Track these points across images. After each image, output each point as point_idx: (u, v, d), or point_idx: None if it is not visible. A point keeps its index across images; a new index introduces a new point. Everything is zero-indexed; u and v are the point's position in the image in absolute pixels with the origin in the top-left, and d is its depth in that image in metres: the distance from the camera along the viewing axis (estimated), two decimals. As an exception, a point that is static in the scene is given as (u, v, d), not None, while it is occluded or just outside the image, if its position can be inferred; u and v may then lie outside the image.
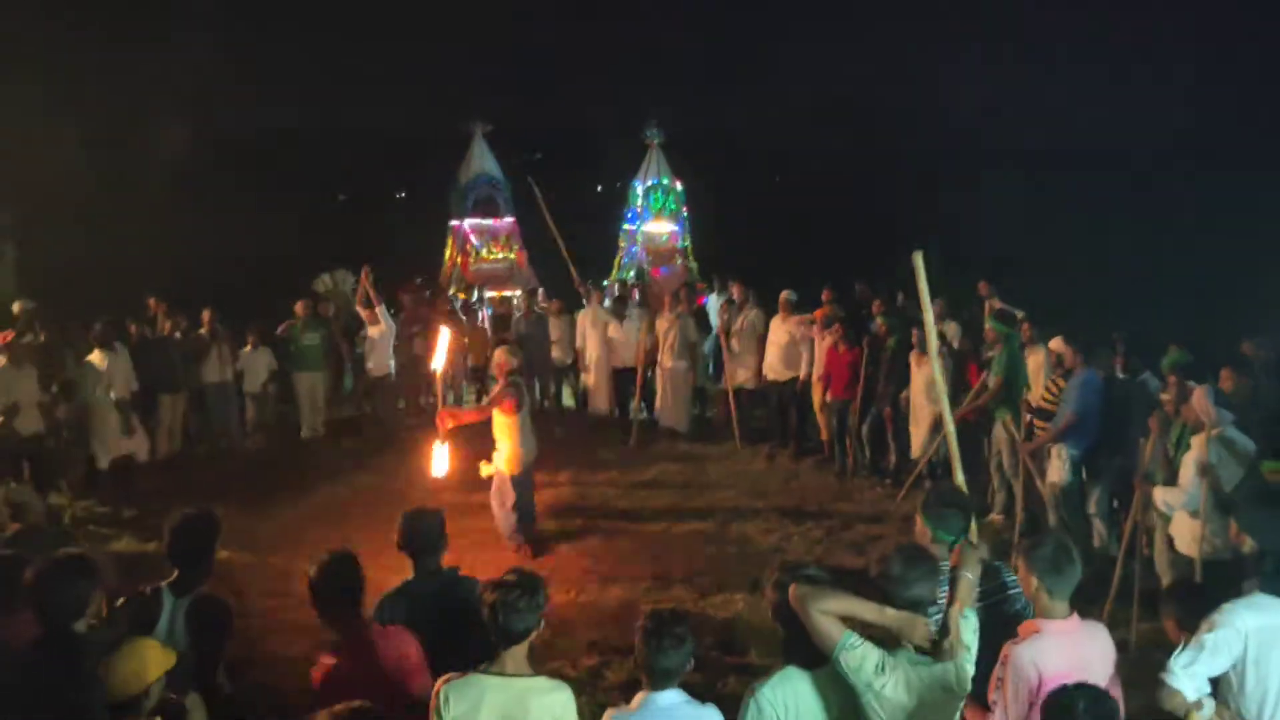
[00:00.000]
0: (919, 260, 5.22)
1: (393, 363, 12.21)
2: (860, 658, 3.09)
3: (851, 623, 3.16)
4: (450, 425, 7.21)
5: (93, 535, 8.40)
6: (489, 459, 7.91)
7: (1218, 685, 3.61)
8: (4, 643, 3.44)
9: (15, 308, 10.21)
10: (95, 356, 9.77)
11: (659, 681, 3.20)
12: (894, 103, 27.77)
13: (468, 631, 3.49)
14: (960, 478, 5.25)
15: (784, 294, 11.06)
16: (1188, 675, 3.45)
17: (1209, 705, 3.50)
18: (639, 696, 3.24)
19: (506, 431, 7.77)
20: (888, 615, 3.17)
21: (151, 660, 3.13)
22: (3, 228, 16.76)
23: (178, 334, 11.05)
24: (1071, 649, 3.31)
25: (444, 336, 7.61)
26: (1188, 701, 3.44)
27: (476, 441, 8.17)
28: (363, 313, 12.12)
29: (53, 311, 10.61)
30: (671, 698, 3.21)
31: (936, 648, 3.18)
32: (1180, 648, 3.52)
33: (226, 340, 11.19)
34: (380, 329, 12.05)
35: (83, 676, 3.08)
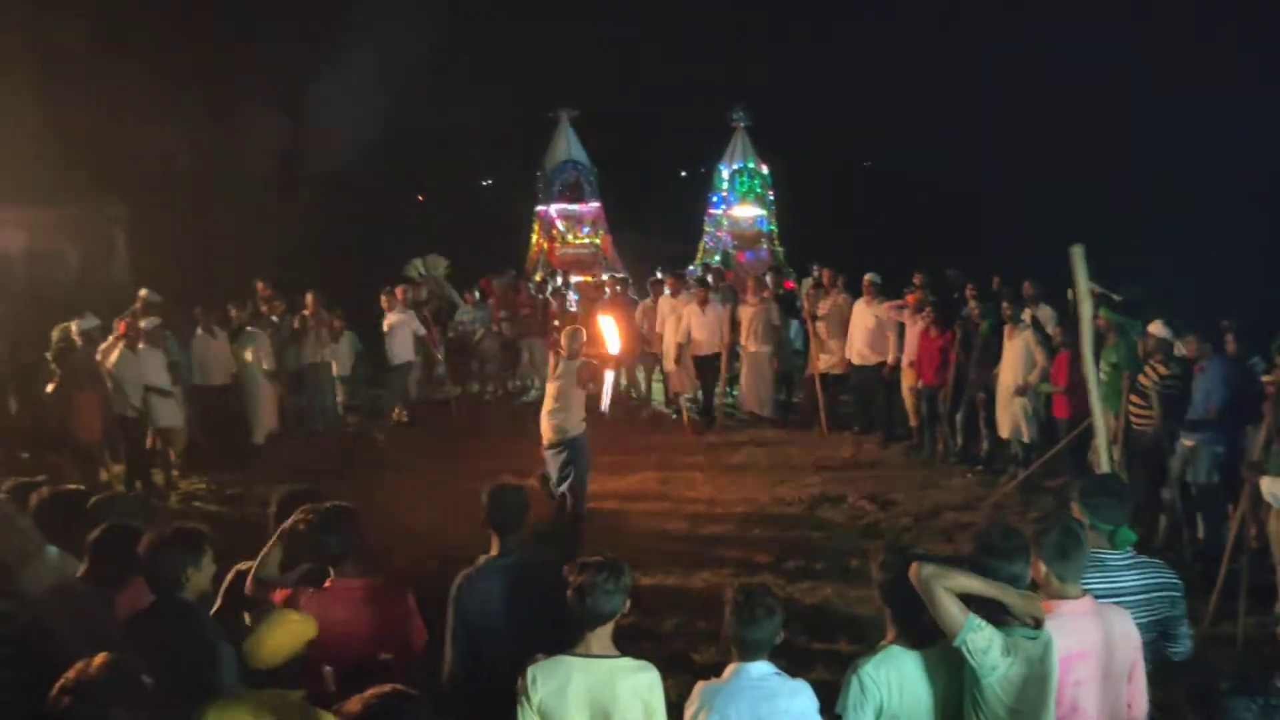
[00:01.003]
0: (1078, 254, 5.14)
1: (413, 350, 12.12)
2: (987, 640, 3.06)
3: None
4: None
5: (190, 512, 8.76)
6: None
7: None
8: (118, 612, 3.63)
9: (142, 292, 10.63)
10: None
11: (749, 653, 3.23)
12: (981, 84, 27.01)
13: (545, 609, 3.52)
14: (1106, 465, 5.18)
15: (867, 277, 10.89)
16: None
17: None
18: (730, 667, 3.26)
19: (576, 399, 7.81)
20: (1010, 593, 3.13)
21: (296, 632, 3.27)
22: (114, 218, 17.55)
23: (274, 318, 11.41)
24: (1085, 629, 3.26)
25: (609, 324, 7.85)
26: None
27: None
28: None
29: (161, 297, 11.04)
30: (762, 668, 3.22)
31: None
32: None
33: (326, 324, 11.51)
34: (397, 317, 11.91)
35: (203, 644, 3.24)
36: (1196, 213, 18.49)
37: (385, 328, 11.90)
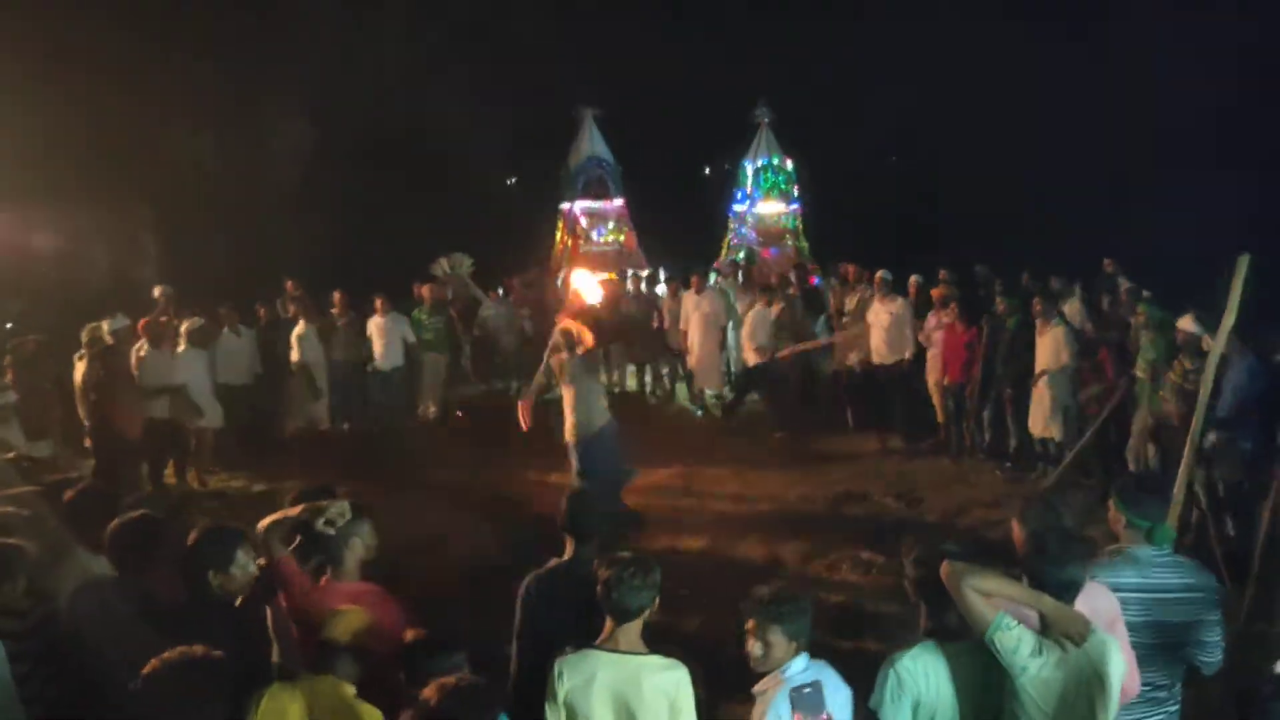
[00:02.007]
0: (1243, 264, 5.18)
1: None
2: (1015, 639, 3.04)
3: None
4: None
5: (219, 511, 8.83)
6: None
7: None
8: (150, 594, 3.68)
9: (155, 292, 10.79)
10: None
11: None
12: (1009, 83, 26.71)
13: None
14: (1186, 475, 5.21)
15: (879, 274, 10.77)
16: None
17: None
18: (775, 674, 3.24)
19: (566, 406, 7.89)
20: (1045, 603, 3.08)
21: (356, 620, 3.34)
22: (144, 220, 17.73)
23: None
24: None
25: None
26: None
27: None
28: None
29: (191, 298, 11.17)
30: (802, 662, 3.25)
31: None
32: None
33: (354, 322, 11.57)
34: (379, 321, 11.68)
35: (234, 644, 3.29)
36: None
37: (374, 330, 11.66)
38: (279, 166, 18.11)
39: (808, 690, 3.15)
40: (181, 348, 9.65)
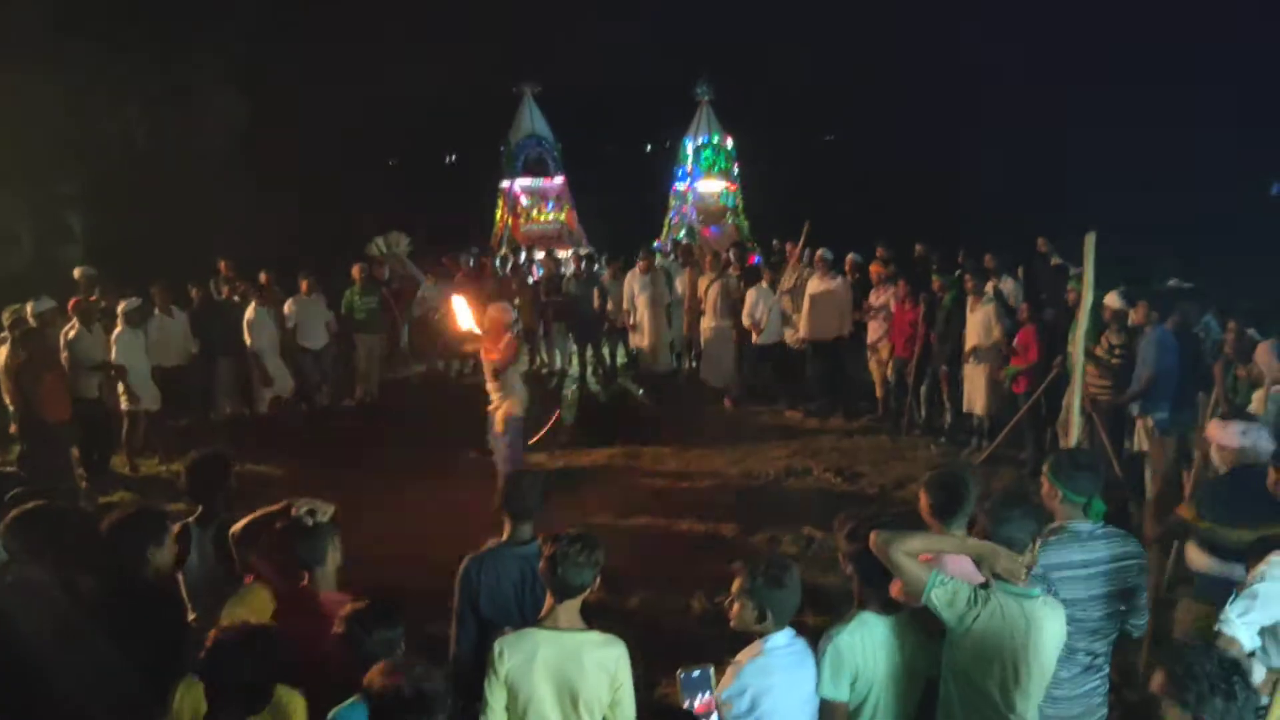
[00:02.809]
0: (1090, 242, 5.32)
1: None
2: (951, 592, 3.11)
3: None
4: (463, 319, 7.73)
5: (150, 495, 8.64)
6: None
7: (1267, 635, 3.61)
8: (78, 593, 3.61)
9: (76, 273, 10.49)
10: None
11: (781, 620, 3.26)
12: (948, 57, 27.10)
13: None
14: (1075, 440, 5.41)
15: (819, 252, 10.90)
16: (1243, 624, 3.47)
17: (1258, 671, 3.50)
18: (757, 644, 3.27)
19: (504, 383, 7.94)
20: (968, 545, 3.18)
21: (261, 607, 3.31)
22: (69, 198, 17.18)
23: (235, 298, 11.27)
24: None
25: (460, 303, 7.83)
26: (1244, 650, 3.43)
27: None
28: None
29: (117, 278, 10.86)
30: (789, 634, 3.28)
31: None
32: (1233, 597, 3.53)
33: (281, 303, 11.37)
34: (301, 300, 11.40)
35: (167, 620, 3.25)
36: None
37: (288, 310, 11.38)
38: (210, 145, 17.66)
39: (696, 674, 3.17)
40: (119, 329, 9.37)
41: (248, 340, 10.76)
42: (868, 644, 3.25)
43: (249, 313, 10.79)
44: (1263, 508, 4.12)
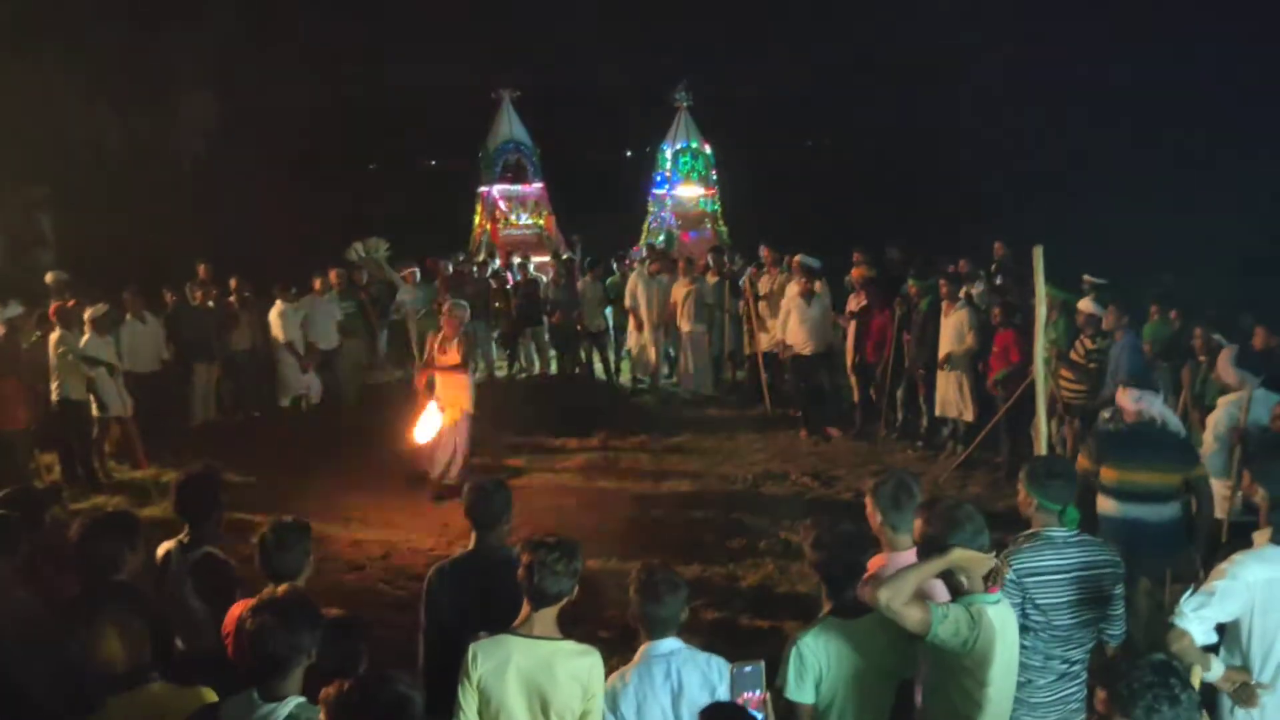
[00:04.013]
0: (1038, 255, 5.52)
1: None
2: (954, 623, 3.08)
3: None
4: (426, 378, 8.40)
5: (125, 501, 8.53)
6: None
7: (1226, 633, 3.65)
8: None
9: (48, 278, 10.38)
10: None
11: (657, 630, 3.30)
12: (931, 64, 27.27)
13: (517, 609, 3.48)
14: (1044, 447, 5.70)
15: (797, 258, 10.82)
16: (1197, 619, 3.48)
17: (1217, 667, 3.54)
18: (641, 648, 3.31)
19: (462, 381, 8.46)
20: (952, 557, 3.14)
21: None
22: (39, 201, 17.00)
23: (209, 303, 11.16)
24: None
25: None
26: (1196, 644, 3.47)
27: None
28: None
29: (88, 282, 10.74)
30: (671, 644, 3.29)
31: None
32: (1190, 592, 3.55)
33: (254, 307, 11.29)
34: (279, 307, 11.26)
35: (146, 625, 3.22)
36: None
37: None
38: (184, 148, 17.52)
39: (749, 669, 3.18)
40: (86, 336, 9.21)
41: (279, 335, 11.02)
42: (831, 647, 3.25)
43: (276, 307, 11.02)
44: (1152, 454, 5.25)
